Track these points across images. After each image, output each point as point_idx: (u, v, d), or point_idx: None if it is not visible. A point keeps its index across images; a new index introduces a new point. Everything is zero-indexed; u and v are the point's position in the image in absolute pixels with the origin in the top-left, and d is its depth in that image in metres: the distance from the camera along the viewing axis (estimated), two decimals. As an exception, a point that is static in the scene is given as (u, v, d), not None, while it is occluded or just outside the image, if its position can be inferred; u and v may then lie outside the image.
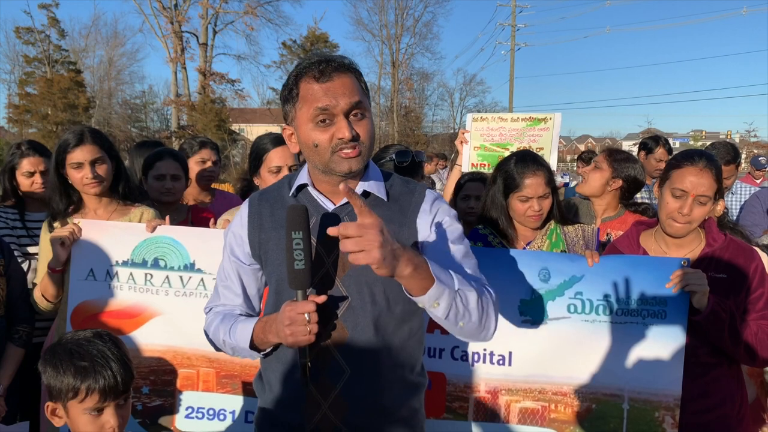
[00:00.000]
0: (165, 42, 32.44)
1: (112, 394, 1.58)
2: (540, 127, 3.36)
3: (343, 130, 1.51)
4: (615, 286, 2.21)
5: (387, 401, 1.65)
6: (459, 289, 1.45)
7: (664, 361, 2.16)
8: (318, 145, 1.54)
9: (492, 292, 1.58)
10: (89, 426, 1.58)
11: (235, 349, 1.71)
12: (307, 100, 1.53)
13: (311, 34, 33.10)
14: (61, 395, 1.57)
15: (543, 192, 2.51)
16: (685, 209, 2.13)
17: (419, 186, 1.73)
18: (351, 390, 1.62)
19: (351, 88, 1.53)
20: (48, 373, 1.59)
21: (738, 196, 4.70)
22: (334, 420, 1.63)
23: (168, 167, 3.10)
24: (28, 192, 3.16)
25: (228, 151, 24.27)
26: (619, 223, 3.13)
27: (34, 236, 3.06)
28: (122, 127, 36.18)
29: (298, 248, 1.49)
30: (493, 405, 2.31)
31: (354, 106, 1.53)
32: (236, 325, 1.69)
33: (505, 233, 2.62)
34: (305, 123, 1.55)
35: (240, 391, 2.45)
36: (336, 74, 1.52)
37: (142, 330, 2.46)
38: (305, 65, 1.56)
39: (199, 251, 2.43)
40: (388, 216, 1.62)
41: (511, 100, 37.21)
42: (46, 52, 34.07)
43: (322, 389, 1.62)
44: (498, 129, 3.42)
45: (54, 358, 1.59)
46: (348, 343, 1.61)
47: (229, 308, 1.78)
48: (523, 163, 2.54)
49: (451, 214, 1.69)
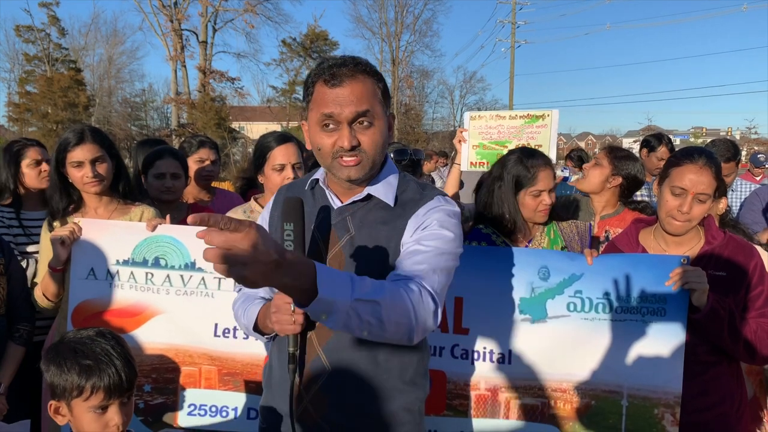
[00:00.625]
0: (165, 40, 32.41)
1: (117, 392, 1.58)
2: (538, 125, 3.36)
3: (343, 139, 1.53)
4: (614, 284, 2.22)
5: (368, 403, 1.64)
6: (357, 299, 1.29)
7: (663, 358, 2.17)
8: (321, 149, 1.59)
9: (420, 290, 1.43)
10: (93, 424, 1.58)
11: (247, 329, 1.77)
12: (317, 104, 1.56)
13: (311, 31, 33.09)
14: (65, 394, 1.57)
15: (552, 185, 2.55)
16: (685, 207, 2.13)
17: (433, 193, 1.69)
18: (330, 388, 1.63)
19: (360, 96, 1.53)
20: (51, 372, 1.59)
21: (738, 193, 4.70)
22: (315, 415, 1.65)
23: (168, 166, 3.11)
24: (32, 185, 3.14)
25: (228, 149, 24.26)
26: (617, 221, 3.13)
27: (30, 235, 3.05)
28: (122, 125, 36.17)
29: (288, 239, 1.50)
30: (493, 402, 2.32)
31: (360, 114, 1.53)
32: (250, 307, 1.76)
33: (509, 231, 2.61)
34: (314, 125, 1.59)
35: (242, 389, 2.46)
36: (348, 80, 1.53)
37: (144, 328, 2.47)
38: (321, 67, 1.58)
39: (199, 250, 2.40)
40: (388, 219, 1.63)
41: (511, 97, 37.17)
42: (46, 51, 34.05)
43: (306, 383, 1.65)
44: (496, 127, 3.42)
45: (58, 356, 1.59)
46: (331, 341, 1.62)
47: (252, 291, 1.82)
48: (533, 158, 2.56)
49: (442, 219, 1.61)
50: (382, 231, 1.63)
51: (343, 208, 1.67)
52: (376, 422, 1.66)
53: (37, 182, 3.14)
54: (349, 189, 1.67)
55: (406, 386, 1.68)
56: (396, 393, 1.67)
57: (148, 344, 2.46)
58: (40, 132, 29.94)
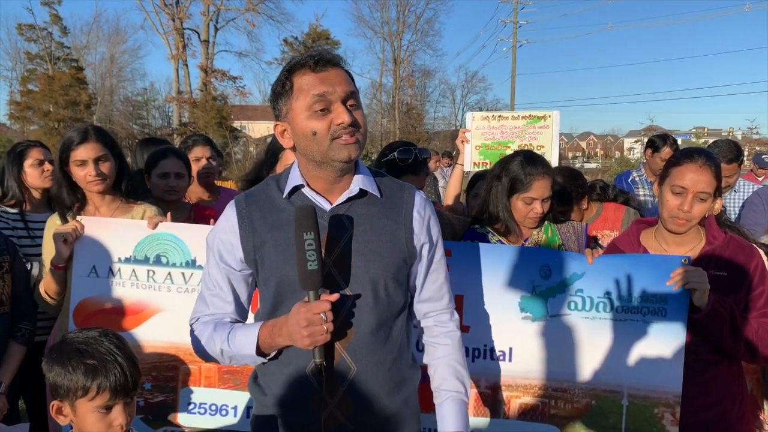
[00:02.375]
0: (166, 39, 32.48)
1: (122, 392, 1.58)
2: (540, 125, 3.37)
3: (342, 115, 1.52)
4: (615, 284, 2.22)
5: (389, 395, 1.68)
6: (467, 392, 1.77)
7: (663, 358, 2.17)
8: (316, 132, 1.53)
9: (456, 326, 1.85)
10: (97, 424, 1.58)
11: (235, 357, 1.66)
12: (303, 90, 1.54)
13: (312, 30, 33.13)
14: (70, 394, 1.56)
15: (547, 195, 2.52)
16: (686, 206, 2.14)
17: (406, 184, 1.77)
18: (357, 386, 1.63)
19: (345, 79, 1.57)
20: (55, 372, 1.58)
21: (741, 194, 4.68)
22: (341, 417, 1.64)
23: (172, 165, 3.10)
24: (35, 185, 3.15)
25: (229, 148, 24.29)
26: (601, 222, 3.14)
27: (35, 237, 3.06)
28: (124, 124, 36.23)
29: (310, 248, 1.49)
30: (493, 400, 2.32)
31: (350, 95, 1.56)
32: (234, 332, 1.65)
33: (505, 232, 2.62)
34: (301, 112, 1.55)
35: (242, 387, 2.45)
36: (330, 66, 1.55)
37: (145, 326, 2.47)
38: (298, 60, 1.58)
39: (200, 248, 2.42)
40: (383, 212, 1.66)
41: (512, 97, 37.14)
42: (48, 49, 34.11)
43: (329, 388, 1.62)
44: (499, 127, 3.42)
45: (62, 356, 1.58)
46: (354, 340, 1.62)
47: (219, 316, 1.73)
48: (532, 165, 2.52)
49: (437, 221, 1.79)
50: (383, 223, 1.65)
51: (337, 206, 1.64)
52: (396, 411, 1.70)
53: (40, 181, 3.15)
54: (335, 185, 1.64)
55: (411, 369, 1.77)
56: (408, 379, 1.74)
57: (148, 342, 2.46)
58: (42, 130, 30.00)
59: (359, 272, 1.61)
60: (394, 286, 1.65)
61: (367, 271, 1.61)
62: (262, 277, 1.68)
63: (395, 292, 1.66)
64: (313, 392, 1.62)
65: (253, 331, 1.62)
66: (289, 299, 1.60)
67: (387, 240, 1.64)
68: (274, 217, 1.64)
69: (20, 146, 3.22)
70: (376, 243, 1.63)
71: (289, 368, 1.66)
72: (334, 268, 1.61)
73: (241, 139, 29.96)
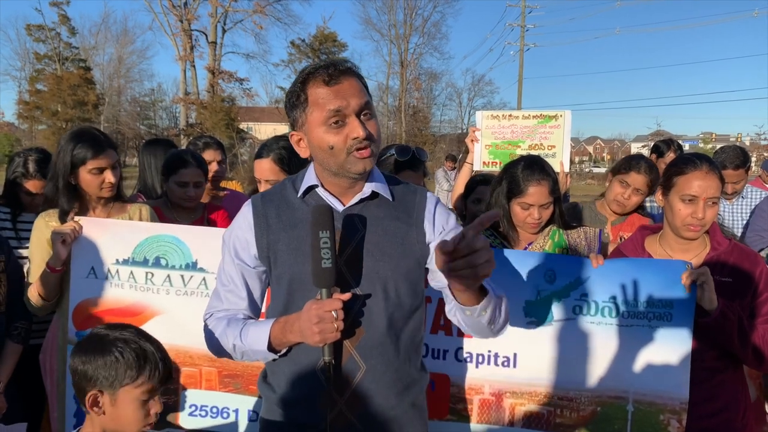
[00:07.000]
0: (174, 40, 32.65)
1: (163, 383, 1.68)
2: (551, 125, 3.35)
3: (358, 129, 1.54)
4: (621, 289, 2.19)
5: (398, 396, 1.69)
6: (499, 296, 1.61)
7: (669, 363, 2.15)
8: (333, 147, 1.56)
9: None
10: (137, 413, 1.63)
11: (247, 353, 1.70)
12: (318, 104, 1.56)
13: (320, 33, 33.30)
14: (115, 383, 1.60)
15: (545, 201, 2.49)
16: (699, 213, 2.13)
17: (419, 188, 1.79)
18: (366, 385, 1.65)
19: (359, 89, 1.58)
20: (97, 363, 1.61)
21: (748, 200, 4.63)
22: (349, 416, 1.66)
23: (193, 175, 3.07)
24: (36, 193, 3.11)
25: (236, 149, 24.36)
26: (628, 225, 3.15)
27: (21, 239, 3.03)
28: (131, 124, 36.48)
29: (325, 247, 1.52)
30: (497, 407, 2.29)
31: (364, 106, 1.57)
32: (247, 328, 1.69)
33: (506, 235, 2.61)
34: (317, 126, 1.57)
35: (243, 390, 2.44)
36: (343, 77, 1.56)
37: (143, 329, 2.44)
38: (311, 70, 1.59)
39: (201, 250, 2.42)
40: (395, 215, 1.69)
41: (519, 100, 37.13)
42: (56, 50, 34.37)
43: (338, 386, 1.65)
44: (509, 126, 3.40)
45: (103, 346, 1.62)
46: (364, 339, 1.64)
47: (232, 312, 1.77)
48: (529, 170, 2.51)
49: (452, 216, 1.77)
50: (394, 225, 1.67)
51: (350, 207, 1.67)
52: (404, 412, 1.72)
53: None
54: (349, 189, 1.68)
55: (421, 372, 1.78)
56: (417, 381, 1.76)
57: (148, 344, 2.45)
58: (50, 130, 30.25)
59: (370, 272, 1.64)
60: (405, 288, 1.67)
61: (378, 271, 1.64)
62: (274, 275, 1.71)
63: (406, 294, 1.67)
64: (322, 390, 1.65)
65: (265, 327, 1.65)
66: (300, 297, 1.63)
67: (398, 242, 1.66)
68: (288, 215, 1.68)
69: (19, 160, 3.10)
70: (387, 244, 1.66)
71: (298, 366, 1.68)
72: (345, 268, 1.63)
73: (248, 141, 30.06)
